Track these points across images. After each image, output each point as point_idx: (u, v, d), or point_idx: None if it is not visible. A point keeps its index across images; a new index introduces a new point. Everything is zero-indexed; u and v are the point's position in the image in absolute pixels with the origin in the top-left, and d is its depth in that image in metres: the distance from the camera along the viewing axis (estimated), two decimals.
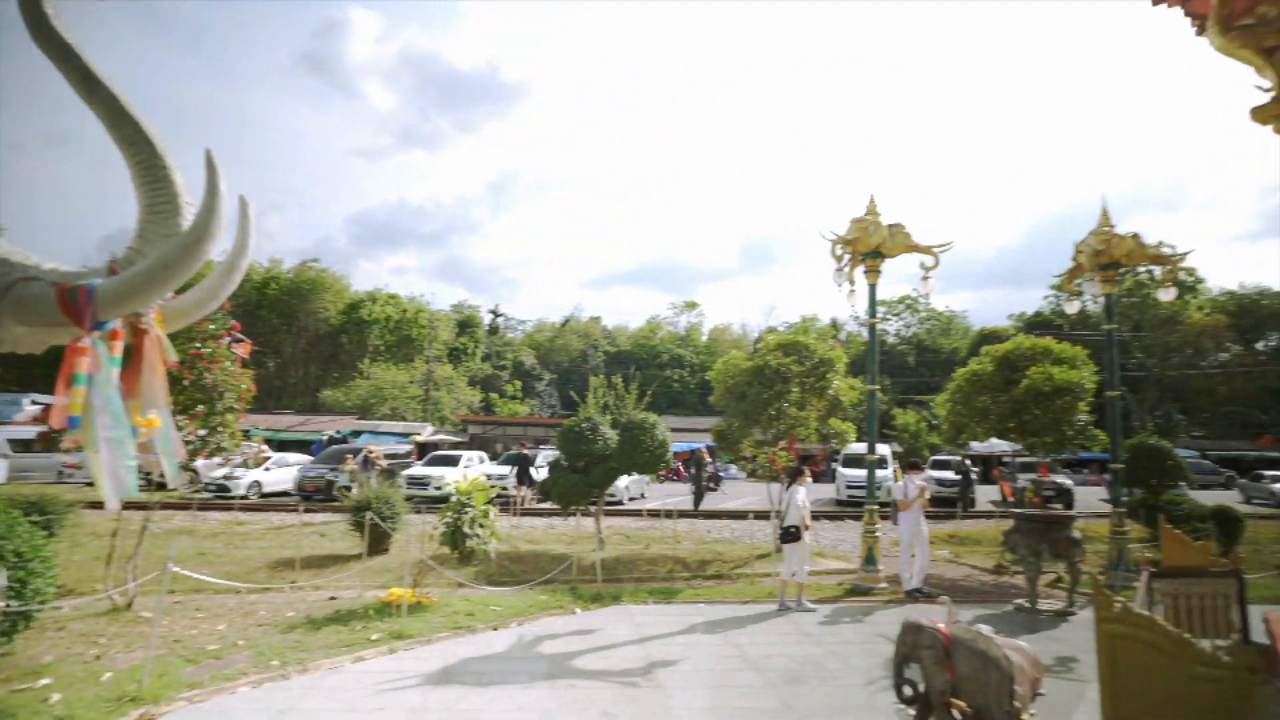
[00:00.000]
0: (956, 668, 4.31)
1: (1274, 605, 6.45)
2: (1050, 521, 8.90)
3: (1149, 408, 49.40)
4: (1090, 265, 10.68)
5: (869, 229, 9.90)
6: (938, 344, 63.89)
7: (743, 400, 12.50)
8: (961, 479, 20.75)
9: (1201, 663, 2.41)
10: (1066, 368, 12.37)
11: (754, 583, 10.33)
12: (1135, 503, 12.87)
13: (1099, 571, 10.87)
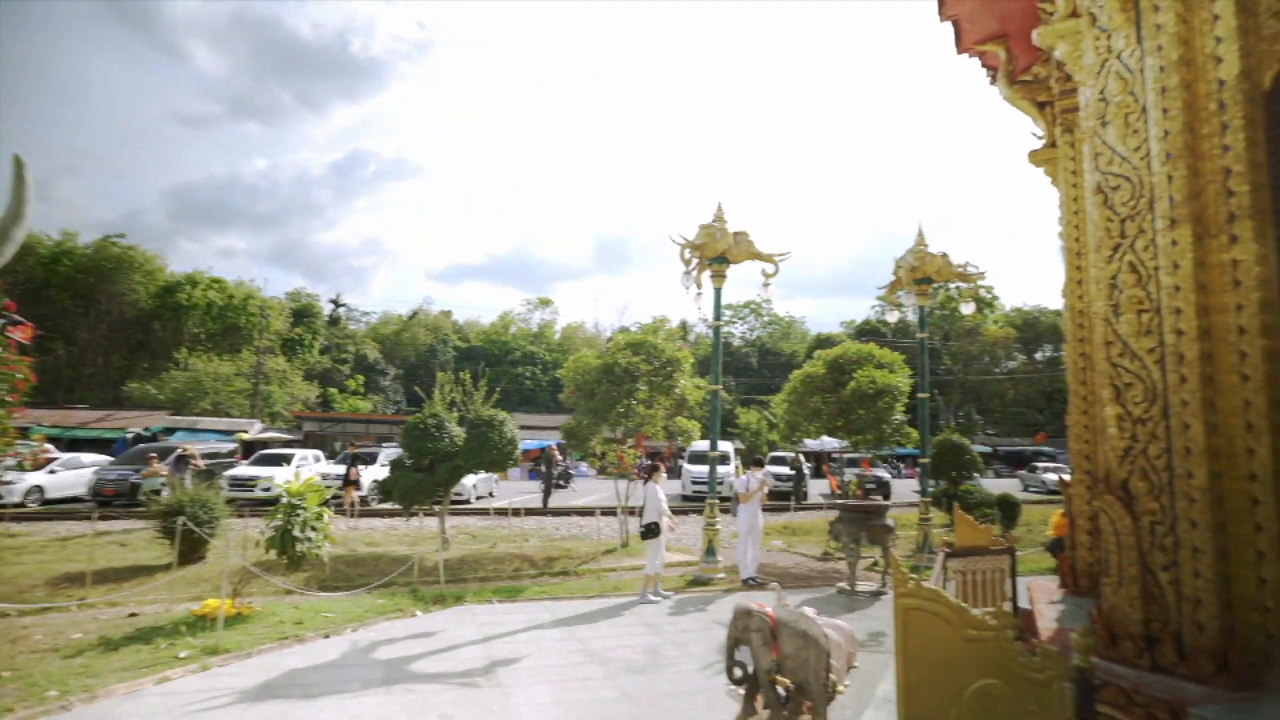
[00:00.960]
0: (781, 647, 4.65)
1: (1038, 576, 7.50)
2: (868, 511, 9.78)
3: (954, 408, 55.57)
4: (907, 280, 11.88)
5: (716, 235, 10.37)
6: (779, 347, 67.97)
7: (592, 398, 12.64)
8: (796, 474, 22.24)
9: (973, 626, 2.78)
10: (887, 372, 13.68)
11: (600, 578, 10.49)
12: (939, 493, 14.45)
13: (908, 555, 12.11)
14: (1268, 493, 3.14)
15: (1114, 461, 3.65)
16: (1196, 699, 3.03)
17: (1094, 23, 3.95)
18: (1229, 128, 3.35)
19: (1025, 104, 6.10)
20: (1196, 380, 3.31)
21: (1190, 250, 3.37)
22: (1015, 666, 2.75)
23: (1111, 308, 3.72)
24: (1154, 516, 3.45)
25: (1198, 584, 3.26)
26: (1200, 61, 3.49)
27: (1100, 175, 3.84)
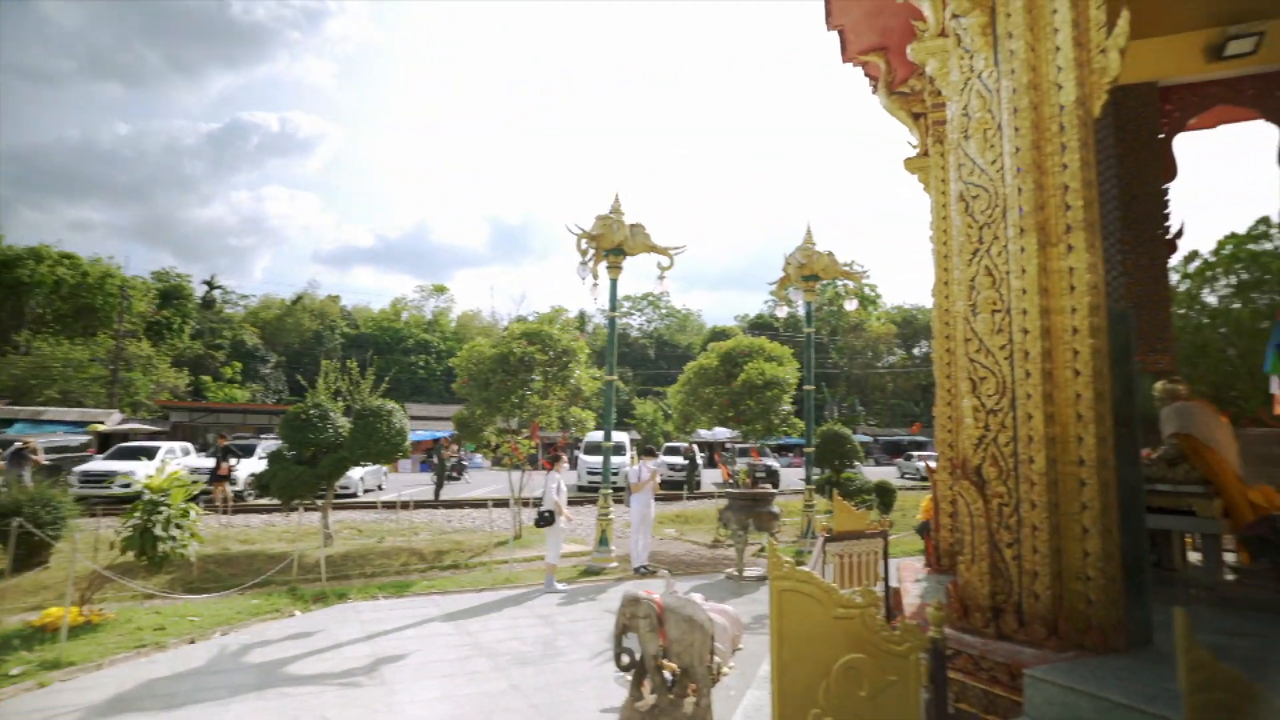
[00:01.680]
0: (668, 633, 4.77)
1: (908, 558, 8.05)
2: (756, 499, 10.16)
3: (839, 400, 58.49)
4: (796, 276, 12.38)
5: (613, 226, 10.42)
6: (675, 339, 69.18)
7: (486, 388, 12.43)
8: (689, 464, 22.76)
9: (841, 605, 2.96)
10: (776, 365, 14.21)
11: (491, 570, 10.36)
12: (822, 480, 15.20)
13: (794, 540, 12.68)
14: (1092, 475, 3.52)
15: (969, 449, 3.98)
16: (1030, 661, 3.36)
17: (959, 43, 4.26)
18: (1067, 148, 3.71)
19: (902, 114, 6.50)
20: (1038, 375, 3.66)
21: (1035, 257, 3.71)
22: (878, 640, 2.95)
23: (970, 307, 4.04)
24: (1002, 499, 3.78)
25: (1035, 559, 3.61)
26: (1045, 87, 3.84)
27: (963, 185, 4.15)
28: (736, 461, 27.83)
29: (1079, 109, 3.73)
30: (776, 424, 14.41)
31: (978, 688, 3.56)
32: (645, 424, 47.16)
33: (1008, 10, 3.99)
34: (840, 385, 60.51)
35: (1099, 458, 3.54)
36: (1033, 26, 3.93)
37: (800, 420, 13.93)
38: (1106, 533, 3.52)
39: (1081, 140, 3.72)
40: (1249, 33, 6.20)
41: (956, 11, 4.17)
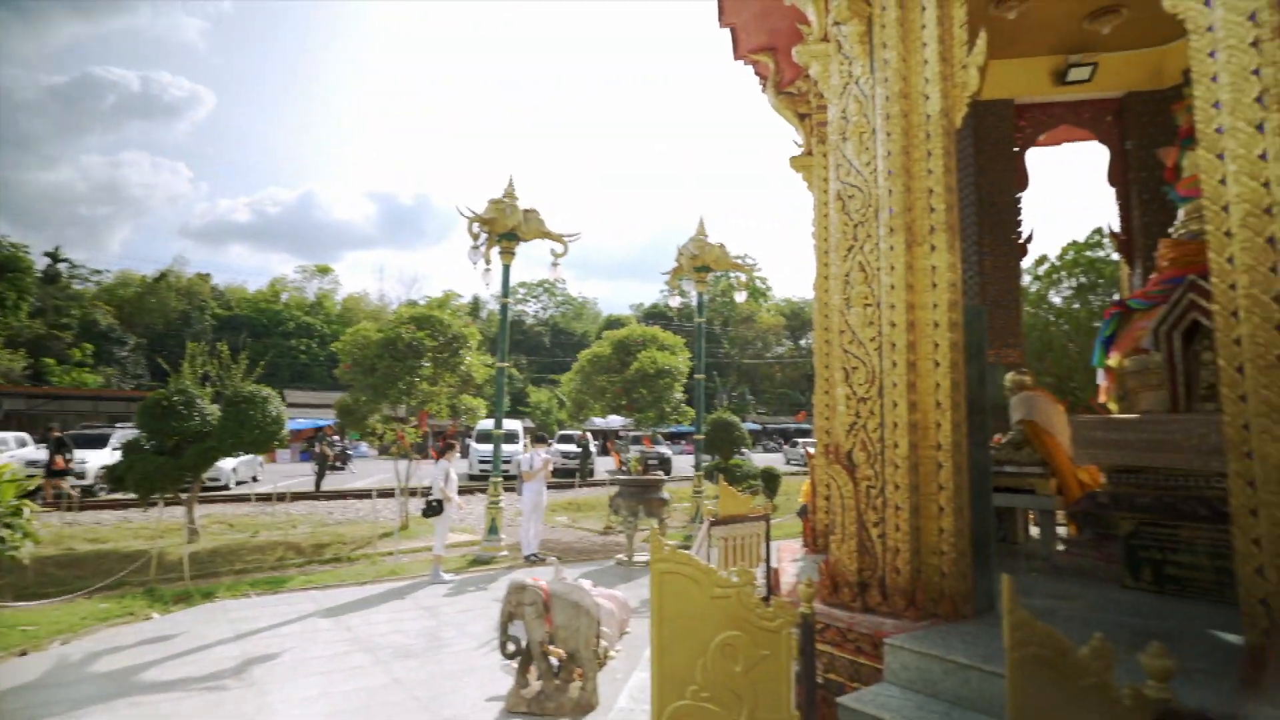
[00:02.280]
0: (554, 619, 4.79)
1: (790, 539, 8.44)
2: (645, 486, 10.33)
3: (729, 389, 60.27)
4: (688, 267, 12.63)
5: (506, 211, 10.23)
6: (571, 327, 68.93)
7: (372, 374, 11.93)
8: (582, 452, 22.81)
9: (719, 586, 3.08)
10: (668, 354, 14.46)
11: (375, 562, 10.00)
12: (711, 467, 15.64)
13: (684, 525, 13.00)
14: (948, 458, 3.82)
15: (842, 435, 4.22)
16: (891, 631, 3.63)
17: (840, 49, 4.47)
18: (932, 154, 3.99)
19: (789, 114, 6.76)
20: (904, 365, 3.93)
21: (903, 255, 3.97)
22: (753, 618, 3.09)
23: (845, 301, 4.28)
24: (870, 481, 4.04)
25: (897, 536, 3.89)
26: (915, 96, 4.10)
27: (841, 184, 4.37)
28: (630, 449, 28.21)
29: (943, 119, 4.01)
30: (668, 412, 14.69)
31: (845, 658, 3.81)
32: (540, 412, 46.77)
33: (883, 22, 4.23)
34: (731, 375, 62.35)
35: (954, 442, 3.85)
36: (904, 39, 4.18)
37: (691, 408, 14.25)
38: (959, 511, 3.84)
39: (945, 148, 4.00)
40: (1086, 62, 6.87)
41: (837, 19, 4.37)
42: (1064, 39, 6.85)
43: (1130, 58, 7.02)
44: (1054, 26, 6.63)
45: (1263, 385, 2.72)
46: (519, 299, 68.46)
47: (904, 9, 4.22)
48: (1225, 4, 2.90)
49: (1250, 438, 2.77)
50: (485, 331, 26.67)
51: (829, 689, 3.82)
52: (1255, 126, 2.78)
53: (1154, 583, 4.54)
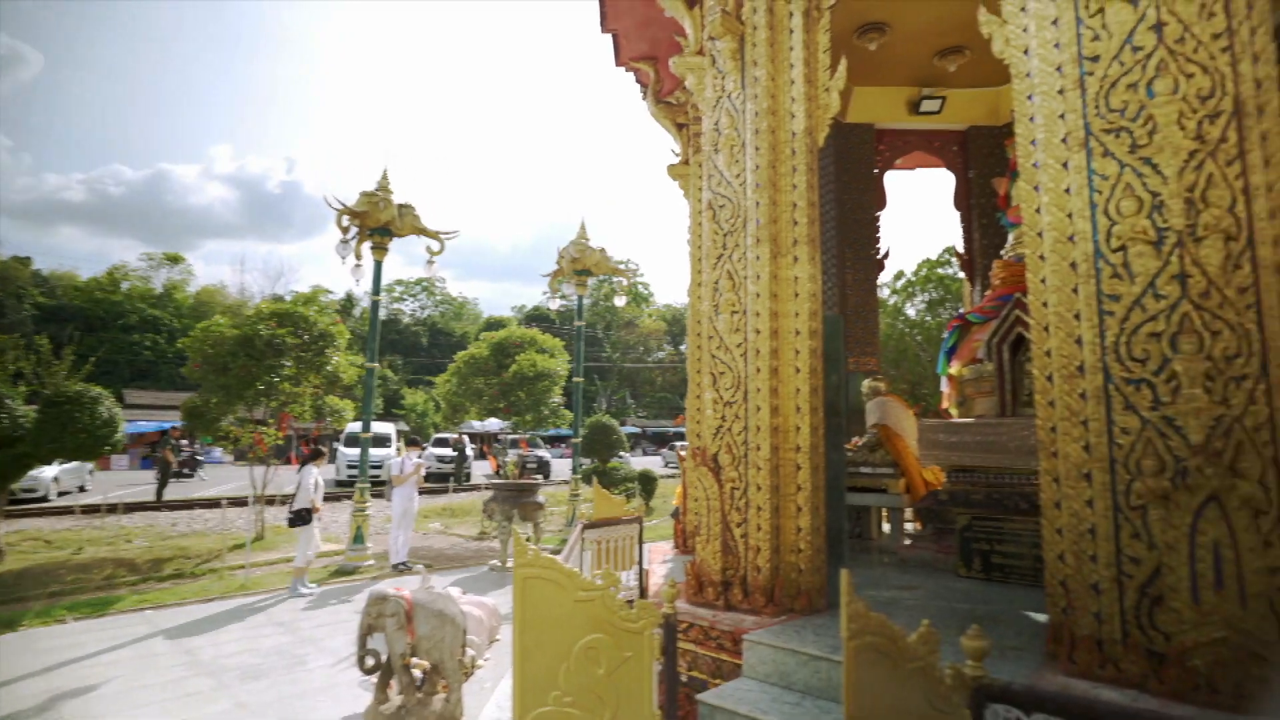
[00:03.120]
0: (417, 629, 4.60)
1: (663, 541, 8.59)
2: (521, 490, 10.19)
3: (610, 393, 60.69)
4: (569, 270, 12.60)
5: (379, 205, 9.79)
6: (450, 328, 66.93)
7: (225, 373, 11.03)
8: (458, 455, 22.18)
9: (583, 589, 3.08)
10: (548, 356, 14.35)
11: (224, 577, 9.23)
12: (588, 470, 15.66)
13: (561, 529, 12.92)
14: (806, 460, 4.02)
15: (709, 438, 4.34)
16: (751, 627, 3.76)
17: (714, 64, 4.61)
18: (797, 170, 4.19)
19: (667, 122, 6.91)
20: (767, 371, 4.10)
21: (768, 265, 4.15)
22: (616, 620, 3.10)
23: (714, 308, 4.41)
24: (734, 483, 4.18)
25: (759, 535, 4.04)
26: (782, 114, 4.30)
27: (712, 194, 4.51)
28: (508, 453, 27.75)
29: (807, 137, 4.24)
30: (547, 415, 14.58)
31: (708, 655, 3.91)
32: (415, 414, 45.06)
33: (754, 41, 4.41)
34: (612, 378, 62.83)
35: (812, 445, 4.06)
36: (774, 59, 4.38)
37: (570, 411, 14.22)
38: (816, 510, 4.06)
39: (809, 164, 4.22)
40: (936, 95, 7.49)
41: (712, 34, 4.51)
42: (918, 73, 7.42)
43: (973, 95, 7.72)
44: (909, 61, 7.17)
45: (1066, 392, 3.05)
46: (395, 297, 65.65)
47: (773, 30, 4.41)
48: (1039, 55, 3.25)
49: (1056, 439, 3.10)
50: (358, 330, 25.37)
51: (693, 687, 3.91)
52: (1062, 164, 3.12)
53: (983, 571, 4.99)
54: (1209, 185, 2.85)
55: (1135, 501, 2.86)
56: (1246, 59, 2.88)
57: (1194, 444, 2.75)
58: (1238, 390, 2.76)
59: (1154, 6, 2.97)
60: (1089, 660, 2.91)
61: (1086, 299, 3.03)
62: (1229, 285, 2.81)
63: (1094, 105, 3.06)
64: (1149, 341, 2.87)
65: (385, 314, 62.18)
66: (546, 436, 35.07)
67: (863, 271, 7.86)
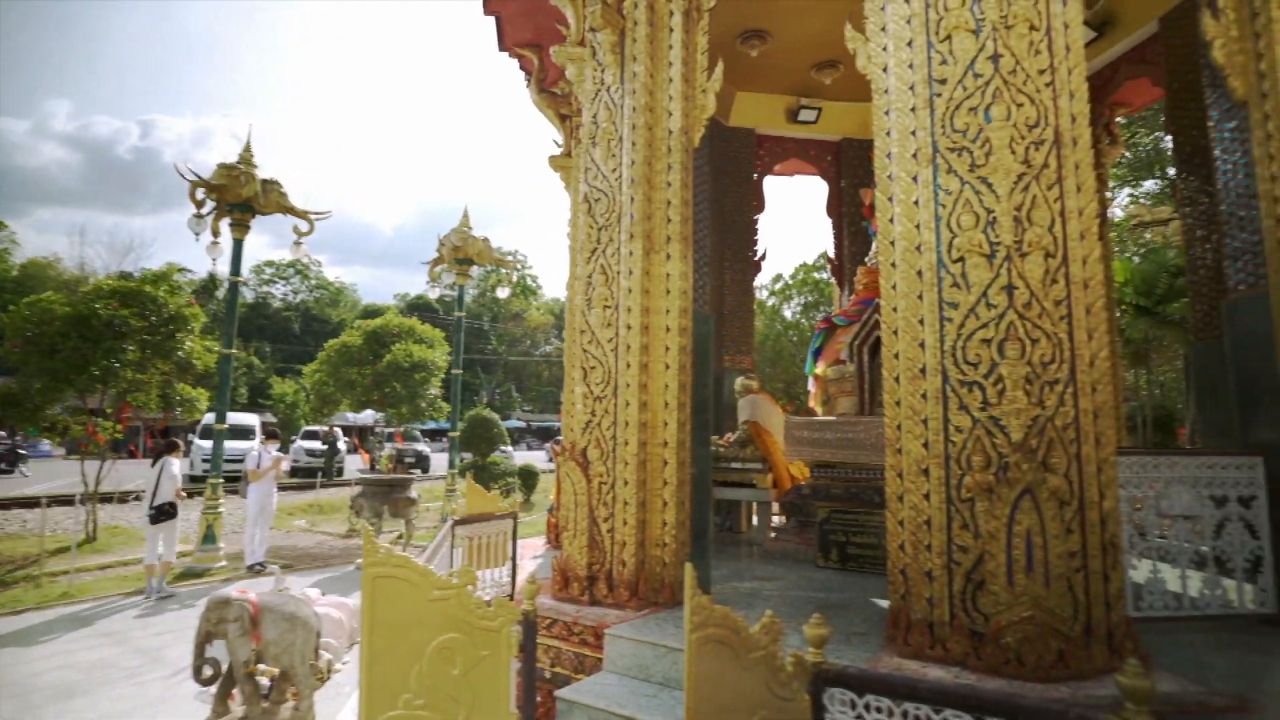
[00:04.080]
0: (263, 635, 4.30)
1: (538, 537, 8.49)
2: (392, 485, 9.79)
3: (495, 386, 59.55)
4: (449, 258, 12.21)
5: (240, 179, 9.07)
6: (326, 314, 63.28)
7: (52, 356, 9.87)
8: (329, 449, 21.03)
9: (438, 587, 2.97)
10: (426, 347, 13.86)
11: (42, 585, 8.26)
12: (467, 465, 15.28)
13: (436, 525, 12.51)
14: (673, 455, 4.08)
15: (578, 433, 4.31)
16: (614, 621, 3.77)
17: (594, 55, 4.58)
18: (672, 168, 4.24)
19: (550, 112, 6.81)
20: (637, 366, 4.12)
21: (641, 261, 4.17)
22: (472, 619, 3.02)
23: (586, 302, 4.38)
24: (602, 478, 4.18)
25: (625, 530, 4.06)
26: (659, 111, 4.33)
27: (588, 187, 4.48)
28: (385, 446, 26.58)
29: (683, 136, 4.29)
30: (425, 408, 14.08)
31: (570, 651, 3.89)
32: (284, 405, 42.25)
33: (634, 36, 4.41)
34: (498, 371, 61.68)
35: (680, 440, 4.12)
36: (653, 56, 4.40)
37: (448, 404, 13.81)
38: (682, 505, 4.12)
39: (683, 164, 4.28)
40: (813, 106, 7.83)
41: (593, 25, 4.47)
42: (797, 83, 7.72)
43: (846, 108, 8.12)
44: (789, 70, 7.44)
45: (910, 393, 3.26)
46: (265, 279, 61.20)
47: (653, 27, 4.43)
48: (896, 74, 3.45)
49: (901, 436, 3.31)
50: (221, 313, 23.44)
51: (556, 683, 3.87)
52: (912, 178, 3.32)
53: (840, 562, 5.27)
54: (1033, 206, 3.12)
55: (965, 495, 3.09)
56: (1065, 95, 3.18)
57: (1014, 442, 3.00)
58: (1051, 393, 3.05)
59: (992, 39, 3.21)
60: (921, 642, 3.12)
61: (930, 305, 3.24)
62: (1047, 298, 3.09)
63: (941, 125, 3.28)
64: (981, 347, 3.11)
65: (252, 297, 57.89)
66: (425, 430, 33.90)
67: (740, 272, 8.10)
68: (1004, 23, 3.21)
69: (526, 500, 16.75)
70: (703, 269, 5.05)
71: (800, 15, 6.30)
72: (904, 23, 3.45)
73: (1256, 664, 3.14)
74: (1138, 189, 21.79)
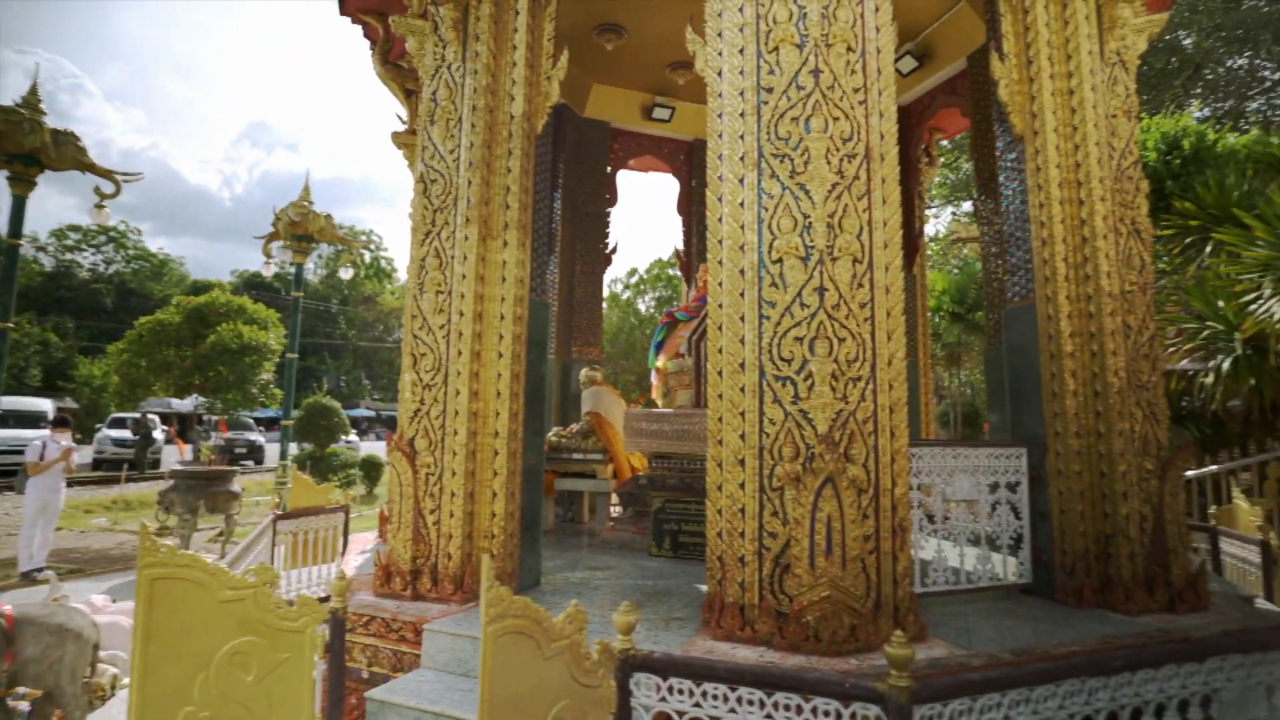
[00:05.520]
0: (21, 652, 3.76)
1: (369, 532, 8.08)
2: (210, 478, 8.96)
3: (343, 372, 56.18)
4: (286, 234, 11.31)
5: (23, 126, 7.87)
6: (147, 288, 56.71)
7: None
8: (141, 438, 18.90)
9: (231, 587, 2.73)
10: (258, 328, 12.78)
11: None
12: (305, 455, 14.30)
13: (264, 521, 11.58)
14: (504, 446, 4.01)
15: (406, 422, 4.14)
16: (436, 616, 3.66)
17: (435, 30, 4.39)
18: (513, 153, 4.16)
19: (394, 86, 6.45)
20: (469, 354, 4.01)
21: (476, 246, 4.06)
22: (272, 620, 2.80)
23: (419, 286, 4.21)
24: (429, 469, 4.03)
25: (452, 522, 3.95)
26: (501, 95, 4.23)
27: (425, 167, 4.29)
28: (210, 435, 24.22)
29: (525, 122, 4.21)
30: (256, 394, 12.99)
31: (389, 649, 3.72)
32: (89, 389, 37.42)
33: (478, 15, 4.27)
34: (347, 357, 58.23)
35: (511, 430, 4.06)
36: (497, 37, 4.28)
37: (280, 390, 12.83)
38: (512, 496, 4.07)
39: (524, 150, 4.21)
40: (667, 105, 7.99)
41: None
42: (652, 81, 7.83)
43: (698, 109, 8.33)
44: (645, 67, 7.53)
45: (730, 387, 3.40)
46: (68, 245, 53.85)
47: (499, 8, 4.32)
48: (729, 79, 3.58)
49: (722, 428, 3.45)
50: None
51: (373, 683, 3.70)
52: (739, 180, 3.47)
53: (672, 550, 5.42)
54: (845, 214, 3.35)
55: (776, 484, 3.27)
56: (876, 114, 3.44)
57: (820, 434, 3.22)
58: (854, 389, 3.29)
59: (814, 54, 3.41)
60: (733, 624, 3.27)
61: (750, 303, 3.40)
62: (854, 300, 3.34)
63: (766, 131, 3.44)
64: (794, 344, 3.30)
65: (52, 265, 50.93)
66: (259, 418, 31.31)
67: (591, 264, 8.13)
68: (825, 41, 3.42)
69: (369, 492, 15.95)
70: (544, 257, 5.01)
71: (654, 13, 6.38)
72: (738, 31, 3.59)
73: (1011, 628, 3.58)
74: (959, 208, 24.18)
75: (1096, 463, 4.00)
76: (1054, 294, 4.14)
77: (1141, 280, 4.16)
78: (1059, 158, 4.17)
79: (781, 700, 2.23)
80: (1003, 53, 4.35)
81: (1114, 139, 4.21)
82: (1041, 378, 4.20)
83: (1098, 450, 4.00)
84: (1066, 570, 4.01)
